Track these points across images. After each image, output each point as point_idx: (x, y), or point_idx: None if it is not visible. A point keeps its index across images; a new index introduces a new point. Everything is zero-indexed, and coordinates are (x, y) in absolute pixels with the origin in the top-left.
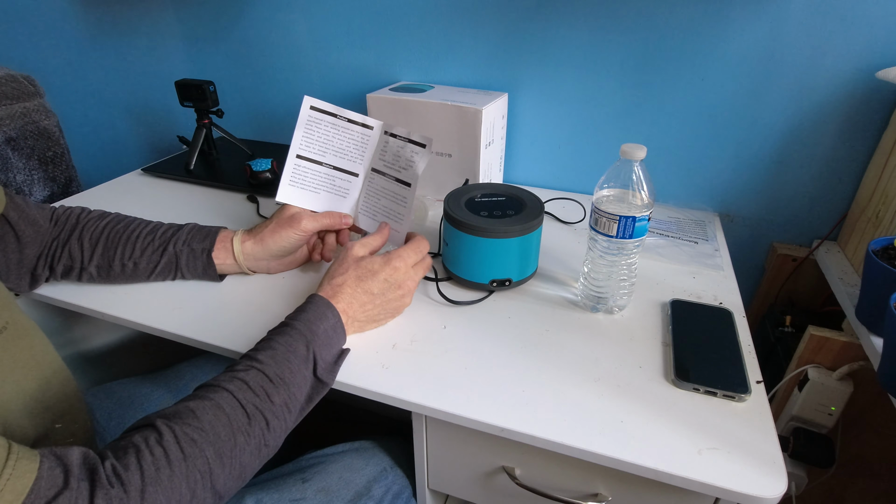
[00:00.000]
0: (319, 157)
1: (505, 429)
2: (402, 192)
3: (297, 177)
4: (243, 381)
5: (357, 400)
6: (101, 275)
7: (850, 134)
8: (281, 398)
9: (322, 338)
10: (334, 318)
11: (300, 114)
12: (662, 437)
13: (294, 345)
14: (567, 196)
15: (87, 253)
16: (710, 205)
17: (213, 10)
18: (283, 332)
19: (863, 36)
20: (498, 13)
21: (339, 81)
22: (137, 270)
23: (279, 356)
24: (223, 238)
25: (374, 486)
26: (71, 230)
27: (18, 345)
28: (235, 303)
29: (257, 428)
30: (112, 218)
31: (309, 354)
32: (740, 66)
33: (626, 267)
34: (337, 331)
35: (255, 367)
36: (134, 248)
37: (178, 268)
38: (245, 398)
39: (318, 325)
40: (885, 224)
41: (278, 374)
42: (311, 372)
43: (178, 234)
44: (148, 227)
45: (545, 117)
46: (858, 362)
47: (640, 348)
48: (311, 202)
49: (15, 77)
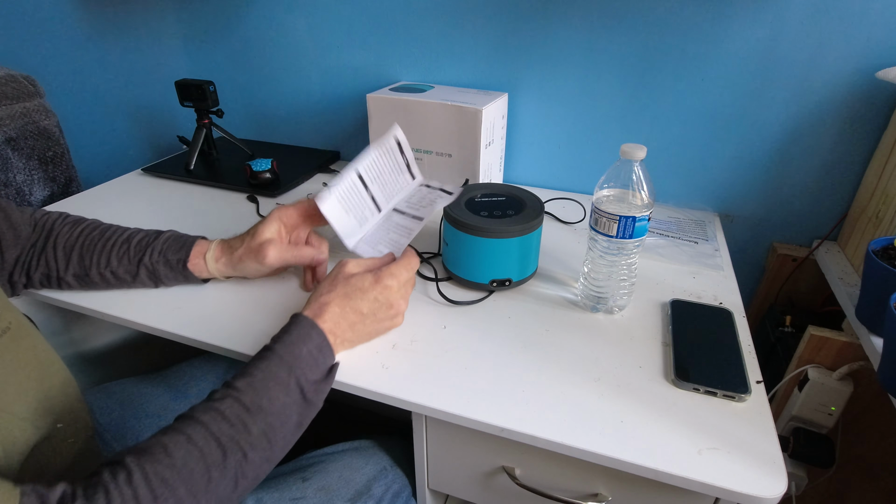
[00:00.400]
0: (370, 183)
1: (505, 429)
2: (411, 225)
3: (346, 194)
4: (218, 411)
5: (357, 400)
6: (80, 283)
7: (850, 134)
8: (259, 427)
9: (306, 360)
10: (319, 338)
11: (384, 139)
12: (662, 437)
13: (274, 370)
14: (567, 196)
15: (63, 262)
16: (710, 205)
17: (213, 10)
18: (264, 356)
19: (863, 36)
20: (498, 13)
21: (339, 81)
22: (118, 279)
23: (257, 383)
24: (197, 252)
25: (373, 485)
26: (46, 237)
27: (21, 345)
28: (236, 302)
29: (232, 461)
30: (87, 225)
31: (290, 379)
32: (740, 66)
33: (626, 267)
34: (323, 351)
35: (232, 395)
36: (110, 257)
37: (157, 278)
38: (220, 430)
39: (300, 348)
40: (885, 224)
41: (256, 403)
42: (299, 396)
43: (154, 244)
44: (123, 235)
45: (545, 117)
46: (858, 362)
47: (640, 348)
48: (341, 221)
49: (15, 77)
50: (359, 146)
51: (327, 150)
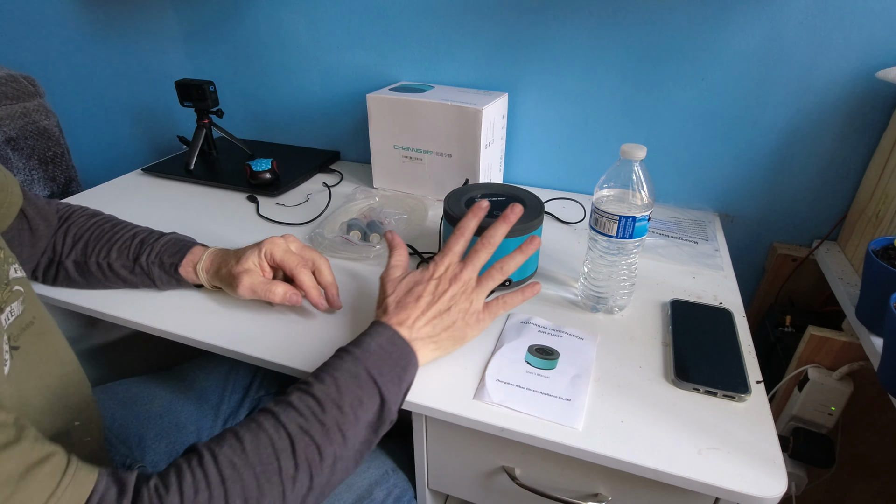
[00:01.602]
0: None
1: (505, 429)
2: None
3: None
4: (289, 402)
5: None
6: (78, 271)
7: (850, 134)
8: (331, 418)
9: (376, 353)
10: (387, 332)
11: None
12: (662, 437)
13: (343, 365)
14: (567, 196)
15: (68, 247)
16: (710, 205)
17: (213, 10)
18: (336, 356)
19: (863, 36)
20: (498, 13)
21: (339, 81)
22: (114, 274)
23: (327, 378)
24: (190, 260)
25: (375, 490)
26: (60, 225)
27: (44, 340)
28: (236, 303)
29: (302, 450)
30: (102, 217)
31: (359, 369)
32: (740, 66)
33: (626, 267)
34: (395, 343)
35: (302, 388)
36: (111, 250)
37: (151, 279)
38: (289, 418)
39: (368, 343)
40: (885, 224)
41: (327, 395)
42: (373, 388)
43: (154, 244)
44: (131, 231)
45: (545, 117)
46: (858, 362)
47: (640, 348)
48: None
49: (15, 77)
50: (359, 146)
51: (327, 150)
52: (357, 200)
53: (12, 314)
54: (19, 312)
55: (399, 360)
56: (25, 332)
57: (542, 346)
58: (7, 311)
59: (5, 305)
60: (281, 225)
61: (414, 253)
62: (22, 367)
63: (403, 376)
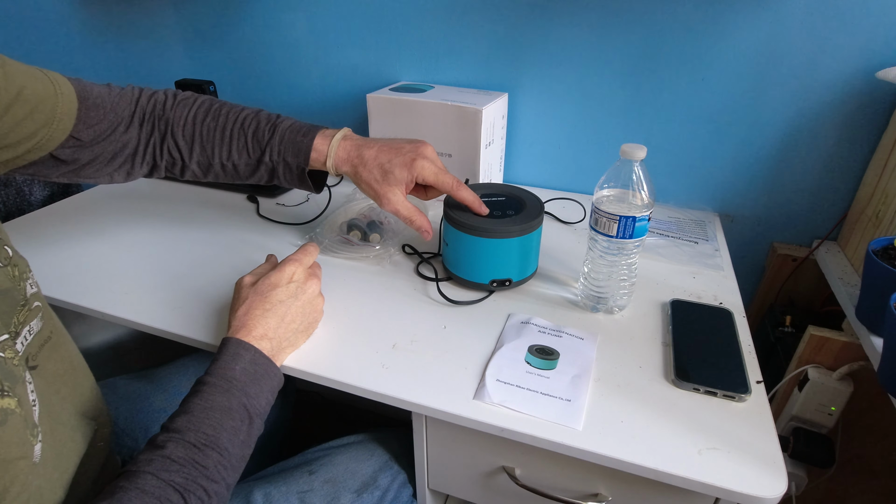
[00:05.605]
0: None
1: (505, 429)
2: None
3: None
4: (166, 457)
5: (357, 399)
6: (204, 172)
7: (850, 134)
8: (213, 460)
9: (241, 379)
10: (250, 352)
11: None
12: (662, 437)
13: (215, 401)
14: (567, 196)
15: (186, 151)
16: (710, 205)
17: (213, 10)
18: (197, 391)
19: (863, 36)
20: (498, 13)
21: (340, 81)
22: (238, 173)
23: (201, 420)
24: (317, 152)
25: (380, 476)
26: (164, 126)
27: (61, 353)
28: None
29: (195, 499)
30: (197, 111)
31: (230, 402)
32: (740, 66)
33: (626, 267)
34: (258, 363)
35: (174, 438)
36: (231, 149)
37: (276, 177)
38: (170, 477)
39: (232, 369)
40: (885, 224)
41: (203, 437)
42: (246, 416)
43: (272, 141)
44: (238, 123)
45: (545, 117)
46: (858, 362)
47: (640, 348)
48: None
49: None
50: None
51: None
52: (357, 200)
53: (31, 332)
54: (38, 329)
55: (263, 377)
56: (44, 349)
57: (542, 346)
58: (25, 331)
59: (22, 328)
60: (281, 225)
61: (414, 253)
62: (44, 387)
63: (267, 386)
